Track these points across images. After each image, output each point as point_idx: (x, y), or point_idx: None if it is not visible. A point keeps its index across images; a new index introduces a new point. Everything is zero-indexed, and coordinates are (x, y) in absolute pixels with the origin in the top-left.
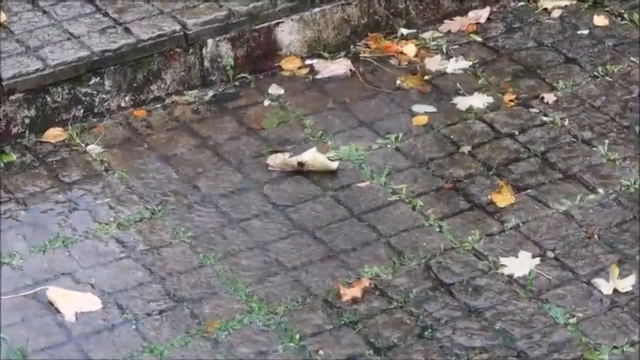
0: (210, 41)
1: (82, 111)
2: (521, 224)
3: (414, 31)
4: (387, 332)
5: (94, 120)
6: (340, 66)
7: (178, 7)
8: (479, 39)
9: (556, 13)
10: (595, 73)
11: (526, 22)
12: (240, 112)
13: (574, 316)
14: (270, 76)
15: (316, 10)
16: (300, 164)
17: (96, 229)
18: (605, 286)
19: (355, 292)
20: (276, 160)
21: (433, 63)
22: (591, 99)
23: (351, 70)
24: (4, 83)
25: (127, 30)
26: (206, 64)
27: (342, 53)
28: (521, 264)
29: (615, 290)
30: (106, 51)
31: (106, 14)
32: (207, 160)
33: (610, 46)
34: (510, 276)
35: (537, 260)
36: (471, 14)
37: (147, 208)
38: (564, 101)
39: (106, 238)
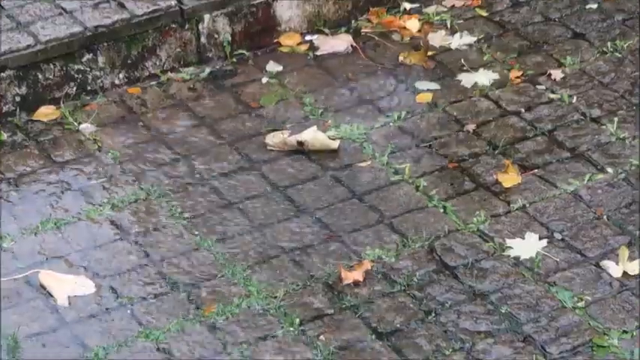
0: (206, 16)
1: (74, 88)
2: (527, 205)
3: (418, 5)
4: (389, 316)
5: (87, 98)
6: (341, 42)
7: None
8: (484, 13)
9: None
10: (604, 49)
11: None
12: (237, 89)
13: (582, 300)
14: (269, 53)
15: None
16: (300, 143)
17: (89, 210)
18: (614, 269)
19: (357, 275)
20: (274, 139)
21: (437, 38)
22: (600, 75)
23: (352, 46)
24: None
25: (121, 5)
26: (202, 40)
27: (343, 29)
28: (527, 246)
29: (625, 273)
30: (100, 26)
31: None
32: (204, 139)
33: (619, 20)
34: (517, 258)
35: (544, 242)
36: None
37: (142, 189)
38: (572, 78)
39: (99, 219)
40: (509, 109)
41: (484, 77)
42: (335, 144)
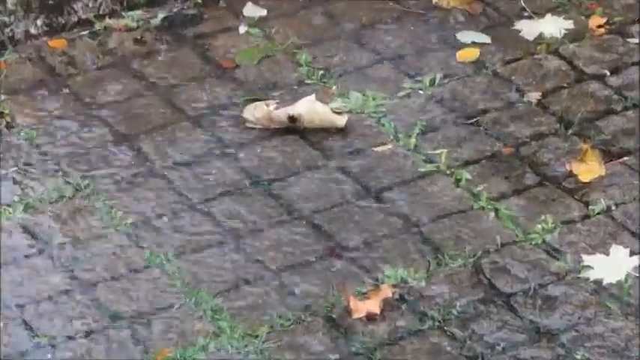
0: None
1: None
2: (613, 207)
3: None
4: None
5: None
6: None
7: None
8: None
9: None
10: None
11: None
12: (203, 42)
13: None
14: None
15: None
16: (292, 119)
17: None
18: None
19: (372, 305)
20: (256, 112)
21: None
22: None
23: None
24: None
25: None
26: None
27: None
28: (613, 265)
29: None
30: None
31: None
32: (156, 113)
33: None
34: (598, 282)
35: (637, 259)
36: None
37: (68, 183)
38: None
39: (8, 225)
40: (587, 71)
41: (553, 26)
42: (342, 120)
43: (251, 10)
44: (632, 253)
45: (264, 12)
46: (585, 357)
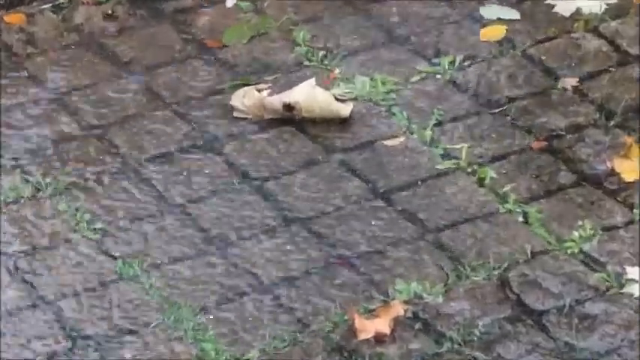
0: None
1: None
2: None
3: None
4: None
5: None
6: None
7: None
8: None
9: None
10: None
11: None
12: (185, 17)
13: None
14: None
15: None
16: (288, 107)
17: None
18: None
19: (381, 324)
20: (246, 100)
21: None
22: None
23: None
24: None
25: None
26: None
27: None
28: None
29: None
30: None
31: None
32: (131, 100)
33: None
34: None
35: None
36: None
37: (26, 181)
38: None
39: None
40: (632, 52)
41: (592, 0)
42: (346, 109)
43: None
44: None
45: None
46: None
